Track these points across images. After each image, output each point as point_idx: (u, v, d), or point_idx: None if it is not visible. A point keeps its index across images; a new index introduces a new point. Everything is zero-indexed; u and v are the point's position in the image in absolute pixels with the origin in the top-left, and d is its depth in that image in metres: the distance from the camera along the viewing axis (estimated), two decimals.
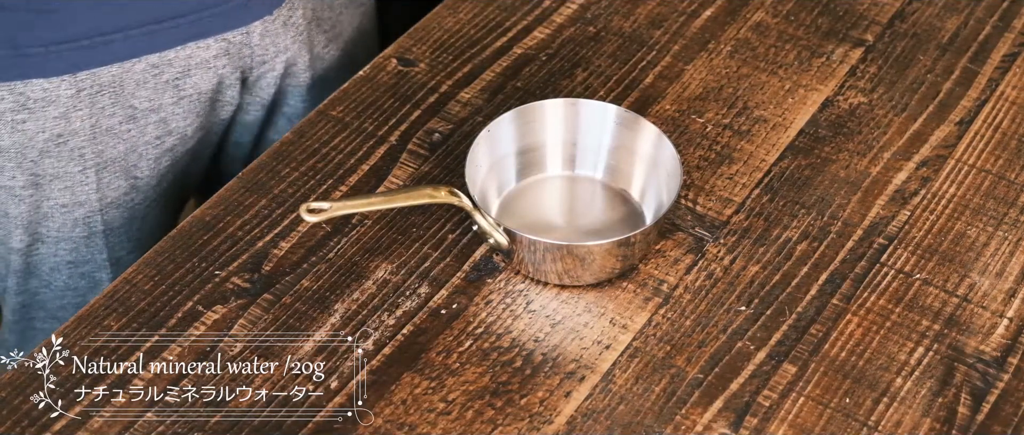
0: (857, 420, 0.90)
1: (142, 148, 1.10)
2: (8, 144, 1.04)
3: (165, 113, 1.10)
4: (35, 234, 1.10)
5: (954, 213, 1.02)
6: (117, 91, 1.06)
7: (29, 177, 1.06)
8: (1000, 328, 0.95)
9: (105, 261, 1.14)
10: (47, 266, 1.13)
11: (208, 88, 1.11)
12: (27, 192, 1.07)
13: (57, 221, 1.10)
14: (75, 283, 1.15)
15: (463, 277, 0.97)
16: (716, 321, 0.95)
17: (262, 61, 1.13)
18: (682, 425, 0.89)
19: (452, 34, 1.14)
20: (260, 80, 1.15)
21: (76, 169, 1.08)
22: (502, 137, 1.00)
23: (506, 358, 0.92)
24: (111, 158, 1.09)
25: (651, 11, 1.17)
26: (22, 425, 0.88)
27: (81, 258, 1.13)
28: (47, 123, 1.05)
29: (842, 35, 1.16)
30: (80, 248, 1.13)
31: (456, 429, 0.88)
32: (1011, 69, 1.13)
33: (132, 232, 1.15)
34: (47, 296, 1.16)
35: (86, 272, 1.14)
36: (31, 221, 1.09)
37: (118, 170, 1.10)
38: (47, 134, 1.05)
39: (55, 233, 1.11)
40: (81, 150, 1.07)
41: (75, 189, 1.08)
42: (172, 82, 1.08)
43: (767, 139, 1.07)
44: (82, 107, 1.05)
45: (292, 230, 0.99)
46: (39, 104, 1.04)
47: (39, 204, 1.08)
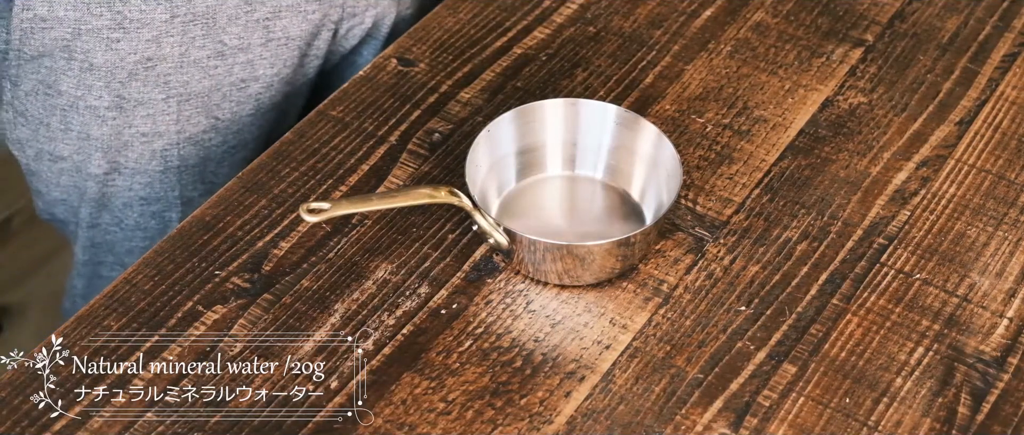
0: (857, 420, 0.90)
1: (226, 88, 1.12)
2: (101, 62, 1.06)
3: (253, 55, 1.11)
4: (113, 162, 1.11)
5: (954, 213, 1.02)
6: (209, 23, 1.07)
7: (115, 99, 1.08)
8: (1000, 328, 0.95)
9: (176, 199, 1.15)
10: (121, 200, 1.14)
11: (297, 34, 1.12)
12: (111, 114, 1.08)
13: (136, 150, 1.11)
14: (145, 222, 1.16)
15: (463, 277, 0.97)
16: (716, 321, 0.95)
17: (352, 13, 1.15)
18: (682, 425, 0.89)
19: (452, 34, 1.14)
20: (349, 33, 1.17)
21: (160, 96, 1.09)
22: (502, 137, 1.00)
23: (506, 358, 0.92)
24: (195, 92, 1.10)
25: (651, 11, 1.17)
26: (22, 425, 0.88)
27: (154, 194, 1.14)
28: (139, 45, 1.06)
29: (842, 35, 1.16)
30: (154, 183, 1.14)
31: (456, 429, 0.88)
32: (1011, 69, 1.13)
33: (206, 174, 1.16)
34: (117, 236, 1.17)
35: (157, 211, 1.16)
36: (111, 146, 1.10)
37: (199, 105, 1.11)
38: (138, 56, 1.06)
39: (133, 163, 1.12)
40: (167, 77, 1.08)
41: (157, 118, 1.10)
42: (263, 21, 1.10)
43: (767, 139, 1.07)
44: (174, 33, 1.06)
45: (292, 230, 0.99)
46: (134, 25, 1.05)
47: (120, 130, 1.09)
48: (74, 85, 1.07)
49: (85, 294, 1.27)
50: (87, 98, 1.08)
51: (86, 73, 1.07)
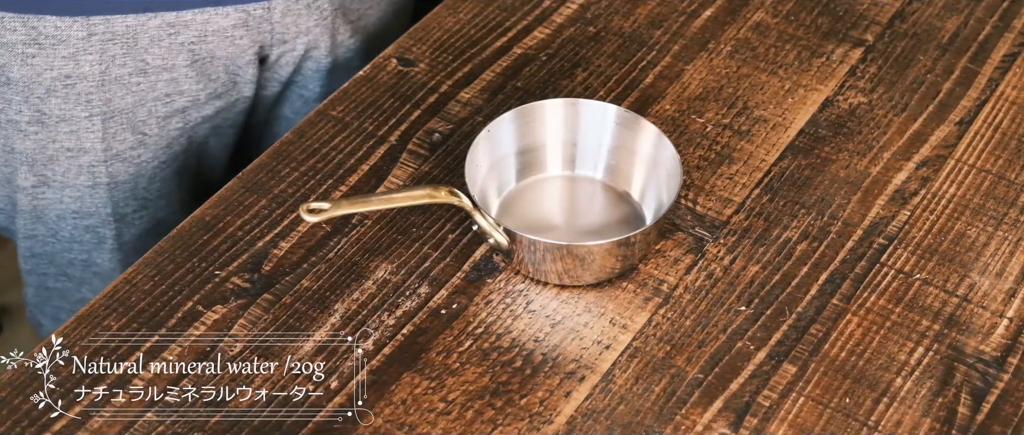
0: (857, 420, 0.90)
1: (151, 104, 1.10)
2: (17, 76, 1.05)
3: (177, 74, 1.10)
4: (41, 176, 1.11)
5: (954, 213, 1.02)
6: (129, 43, 1.06)
7: (35, 114, 1.07)
8: (1000, 328, 0.95)
9: (109, 216, 1.14)
10: (53, 213, 1.14)
11: (223, 56, 1.11)
12: (32, 129, 1.07)
13: (62, 165, 1.10)
14: (80, 235, 1.16)
15: (463, 277, 0.97)
16: (716, 321, 0.95)
17: (282, 40, 1.14)
18: (682, 425, 0.89)
19: (452, 34, 1.14)
20: (280, 59, 1.16)
21: (82, 114, 1.08)
22: (502, 137, 1.00)
23: (506, 358, 0.92)
24: (118, 109, 1.09)
25: (651, 11, 1.17)
26: (22, 425, 0.88)
27: (85, 209, 1.14)
28: (56, 61, 1.05)
29: (842, 35, 1.16)
30: (84, 198, 1.13)
31: (456, 429, 0.88)
32: (1011, 69, 1.13)
33: (138, 190, 1.15)
34: (55, 247, 1.17)
35: (91, 226, 1.15)
36: (36, 160, 1.10)
37: (125, 122, 1.10)
38: (55, 73, 1.05)
39: (60, 178, 1.11)
40: (88, 95, 1.07)
41: (81, 134, 1.09)
42: (187, 45, 1.08)
43: (767, 139, 1.07)
44: (92, 52, 1.05)
45: (292, 230, 0.99)
46: (49, 41, 1.04)
47: (45, 145, 1.09)
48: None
49: (37, 304, 1.26)
50: (7, 112, 1.07)
51: (4, 87, 1.05)
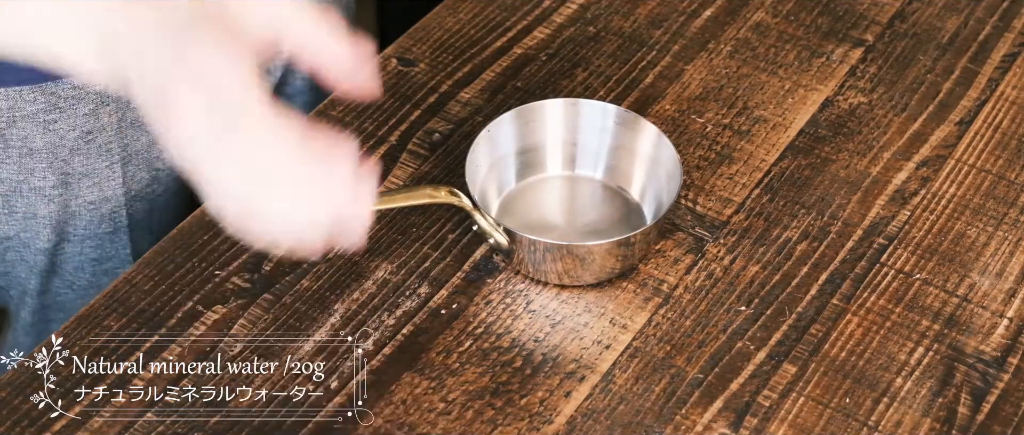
0: (857, 420, 0.90)
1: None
2: (41, 145, 1.05)
3: None
4: (62, 234, 1.10)
5: (954, 213, 1.02)
6: None
7: (60, 177, 1.06)
8: (1000, 328, 0.95)
9: (128, 255, 1.14)
10: (71, 265, 1.13)
11: None
12: (57, 192, 1.07)
13: (84, 219, 1.10)
14: (98, 280, 1.15)
15: (463, 277, 0.97)
16: (716, 321, 0.95)
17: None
18: (682, 425, 0.89)
19: (452, 34, 1.14)
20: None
21: (104, 164, 1.08)
22: (502, 137, 1.00)
23: (506, 358, 0.92)
24: (136, 150, 1.09)
25: (651, 11, 1.17)
26: (22, 425, 0.88)
27: (105, 254, 1.13)
28: (77, 121, 1.05)
29: (842, 35, 1.16)
30: (105, 245, 1.13)
31: (456, 429, 0.88)
32: (1011, 69, 1.13)
33: (153, 225, 1.15)
34: (68, 297, 1.16)
35: (109, 269, 1.15)
36: (59, 221, 1.09)
37: (142, 162, 1.10)
38: (77, 132, 1.05)
39: (82, 231, 1.11)
40: (108, 145, 1.07)
41: (103, 185, 1.09)
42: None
43: (767, 139, 1.07)
44: (110, 102, 1.05)
45: None
46: (69, 103, 1.04)
47: (68, 203, 1.08)
48: (15, 171, 1.05)
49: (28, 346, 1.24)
50: (30, 180, 1.06)
51: (26, 158, 1.05)
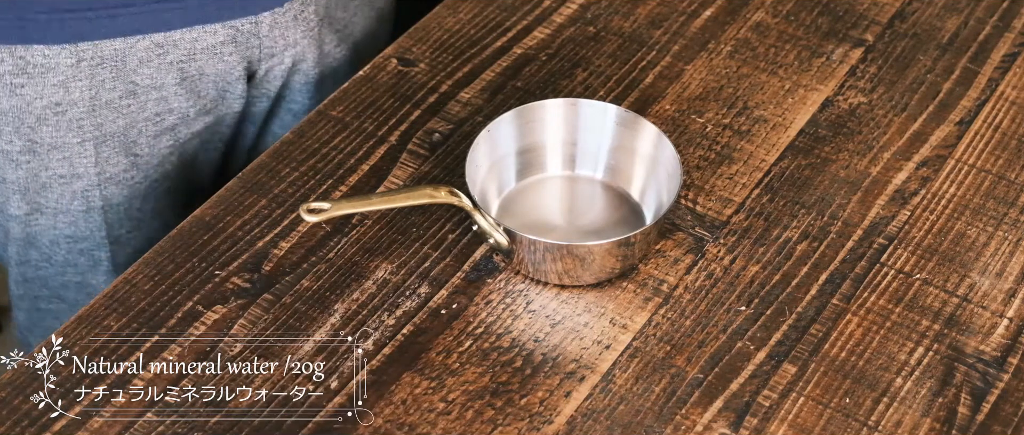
0: (857, 420, 0.90)
1: (141, 124, 1.10)
2: (6, 107, 1.04)
3: (166, 92, 1.09)
4: (34, 203, 1.10)
5: (954, 213, 1.02)
6: (119, 66, 1.06)
7: (26, 143, 1.06)
8: (1000, 328, 0.95)
9: (104, 239, 1.14)
10: (46, 238, 1.13)
11: (213, 73, 1.11)
12: (24, 158, 1.07)
13: (55, 192, 1.10)
14: (74, 259, 1.15)
15: (463, 277, 0.97)
16: (716, 321, 0.95)
17: (270, 54, 1.13)
18: (682, 425, 0.89)
19: (452, 34, 1.14)
20: (268, 74, 1.15)
21: (74, 140, 1.08)
22: (502, 137, 1.00)
23: (506, 358, 0.92)
24: (110, 132, 1.09)
25: (651, 11, 1.17)
26: (22, 425, 0.88)
27: (79, 233, 1.13)
28: (45, 90, 1.04)
29: (842, 35, 1.16)
30: (78, 222, 1.13)
31: (456, 429, 0.88)
32: (1011, 69, 1.13)
33: (132, 211, 1.15)
34: (48, 271, 1.16)
35: (85, 249, 1.15)
36: (29, 188, 1.09)
37: (117, 145, 1.10)
38: (45, 101, 1.05)
39: (54, 204, 1.11)
40: (79, 121, 1.07)
41: (74, 161, 1.09)
42: (176, 64, 1.08)
43: (767, 139, 1.07)
44: (82, 78, 1.05)
45: (292, 230, 0.99)
46: (38, 70, 1.03)
47: (37, 173, 1.08)
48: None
49: (29, 327, 1.25)
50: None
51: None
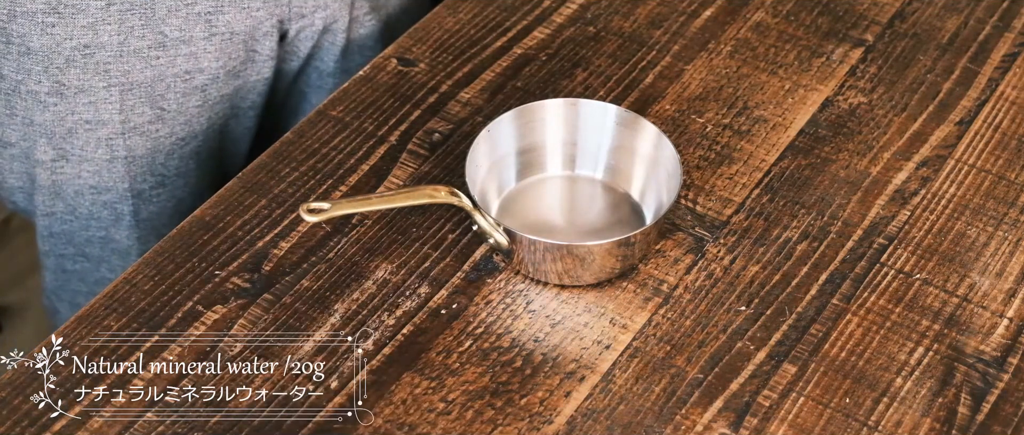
0: (857, 420, 0.90)
1: (170, 79, 1.11)
2: (37, 46, 1.06)
3: (196, 47, 1.10)
4: (60, 149, 1.11)
5: (954, 213, 1.02)
6: (147, 13, 1.07)
7: (54, 84, 1.07)
8: (1000, 328, 0.95)
9: (127, 190, 1.15)
10: (72, 188, 1.14)
11: (241, 29, 1.11)
12: (52, 100, 1.08)
13: (81, 138, 1.11)
14: (98, 212, 1.16)
15: (463, 277, 0.97)
16: (716, 321, 0.95)
17: (300, 14, 1.14)
18: (682, 425, 0.89)
19: (452, 34, 1.14)
20: (298, 35, 1.16)
21: (101, 84, 1.08)
22: (502, 137, 1.00)
23: (506, 358, 0.92)
24: (137, 81, 1.10)
25: (651, 11, 1.17)
26: (22, 425, 0.88)
27: (103, 183, 1.14)
28: (75, 31, 1.05)
29: (842, 35, 1.16)
30: (102, 172, 1.13)
31: (456, 429, 0.88)
32: (1011, 69, 1.13)
33: (155, 166, 1.15)
34: (73, 225, 1.17)
35: (108, 201, 1.15)
36: (55, 133, 1.10)
37: (143, 95, 1.11)
38: (74, 42, 1.06)
39: (78, 151, 1.11)
40: (106, 66, 1.08)
41: (99, 106, 1.09)
42: (204, 15, 1.09)
43: (767, 139, 1.07)
44: (111, 21, 1.06)
45: (292, 230, 0.99)
46: (69, 10, 1.04)
47: (63, 117, 1.09)
48: (14, 69, 1.07)
49: (55, 289, 1.26)
50: (27, 82, 1.08)
51: (24, 57, 1.06)
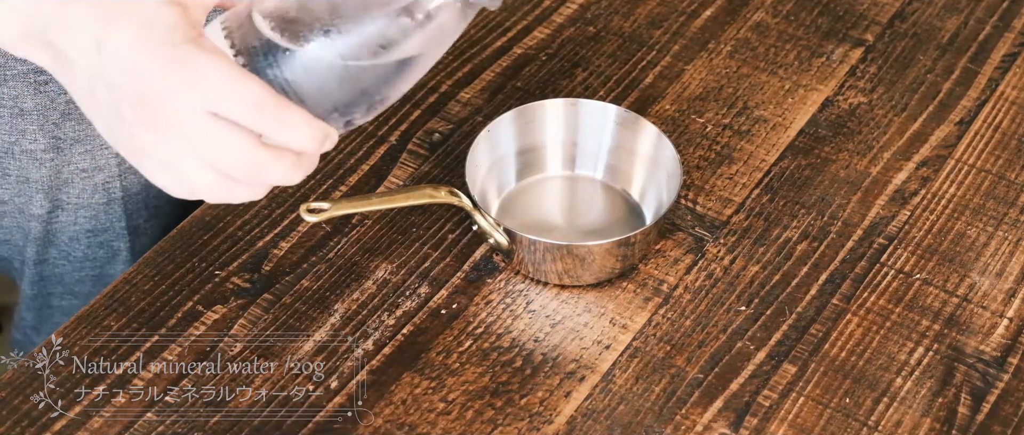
0: (857, 420, 0.90)
1: None
2: (31, 106, 1.05)
3: None
4: (55, 200, 1.11)
5: (954, 213, 1.02)
6: None
7: (50, 141, 1.06)
8: (1000, 328, 0.95)
9: (123, 229, 1.14)
10: (66, 235, 1.13)
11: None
12: (48, 156, 1.07)
13: (77, 187, 1.10)
14: (94, 253, 1.15)
15: (463, 277, 0.97)
16: (716, 321, 0.95)
17: None
18: (682, 425, 0.89)
19: None
20: None
21: (96, 132, 1.07)
22: (502, 137, 1.00)
23: (506, 358, 0.92)
24: None
25: (651, 11, 1.17)
26: (22, 425, 0.88)
27: (100, 226, 1.13)
28: None
29: (842, 35, 1.16)
30: (99, 216, 1.13)
31: (456, 429, 0.88)
32: (1011, 69, 1.13)
33: (149, 199, 1.15)
34: (65, 268, 1.16)
35: (105, 241, 1.15)
36: (52, 186, 1.09)
37: None
38: (69, 96, 1.05)
39: (75, 199, 1.11)
40: None
41: (95, 153, 1.09)
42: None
43: (767, 139, 1.07)
44: None
45: (292, 230, 0.99)
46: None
47: (60, 169, 1.08)
48: (7, 131, 1.05)
49: (36, 326, 1.25)
50: (22, 142, 1.06)
51: (17, 118, 1.05)
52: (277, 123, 0.75)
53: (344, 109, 0.78)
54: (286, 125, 0.75)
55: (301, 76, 0.76)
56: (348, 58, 0.76)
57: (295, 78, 0.76)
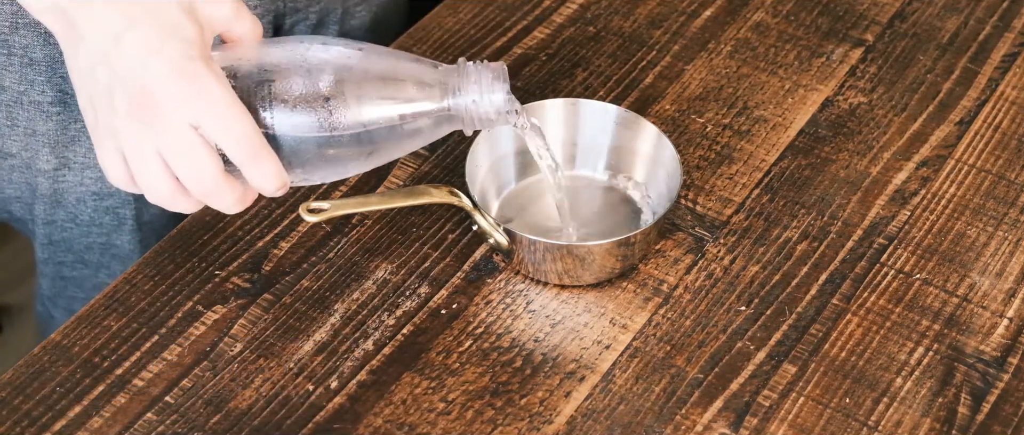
0: (857, 420, 0.90)
1: None
2: (41, 57, 1.05)
3: None
4: (62, 158, 1.11)
5: (954, 213, 1.02)
6: None
7: (58, 94, 1.07)
8: (1000, 328, 0.95)
9: (129, 196, 1.15)
10: (73, 196, 1.14)
11: None
12: (55, 109, 1.08)
13: (84, 146, 1.11)
14: (100, 218, 1.16)
15: (463, 277, 0.97)
16: (716, 321, 0.95)
17: (295, 8, 1.14)
18: (682, 425, 0.89)
19: (452, 34, 1.14)
20: (293, 29, 1.16)
21: None
22: (502, 137, 1.00)
23: (506, 358, 0.92)
24: None
25: (651, 11, 1.17)
26: (22, 425, 0.88)
27: (106, 189, 1.14)
28: None
29: (842, 35, 1.16)
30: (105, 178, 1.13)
31: (456, 429, 0.88)
32: (1011, 69, 1.13)
33: None
34: (73, 232, 1.17)
35: (110, 206, 1.15)
36: (58, 141, 1.10)
37: None
38: None
39: (82, 159, 1.11)
40: None
41: None
42: None
43: (767, 139, 1.07)
44: None
45: (292, 230, 0.99)
46: None
47: (66, 125, 1.09)
48: (16, 80, 1.06)
49: (52, 296, 1.26)
50: (30, 93, 1.07)
51: (27, 68, 1.06)
52: (252, 160, 0.81)
53: (310, 170, 0.85)
54: (258, 166, 0.82)
55: (287, 132, 0.82)
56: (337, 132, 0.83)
57: (282, 133, 0.82)
